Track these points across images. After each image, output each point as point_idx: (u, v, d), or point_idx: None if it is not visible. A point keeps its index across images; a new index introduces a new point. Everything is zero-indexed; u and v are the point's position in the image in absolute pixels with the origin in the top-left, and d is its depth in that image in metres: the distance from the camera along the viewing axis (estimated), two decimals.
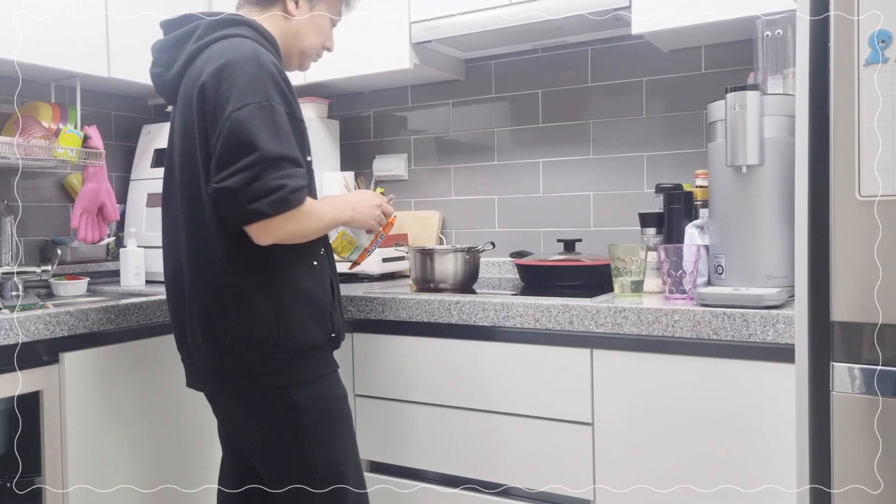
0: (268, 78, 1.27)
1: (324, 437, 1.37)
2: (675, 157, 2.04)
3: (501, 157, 2.30)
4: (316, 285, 1.38)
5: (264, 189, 1.23)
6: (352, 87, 2.44)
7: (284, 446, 1.37)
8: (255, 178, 1.23)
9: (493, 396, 1.64)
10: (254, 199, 1.23)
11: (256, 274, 1.33)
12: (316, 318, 1.36)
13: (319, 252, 1.40)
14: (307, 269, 1.37)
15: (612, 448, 1.52)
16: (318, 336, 1.36)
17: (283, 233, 1.28)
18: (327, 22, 1.49)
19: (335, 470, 1.38)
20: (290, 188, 1.25)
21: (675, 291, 1.52)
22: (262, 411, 1.37)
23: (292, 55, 1.48)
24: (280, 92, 1.29)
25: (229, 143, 1.24)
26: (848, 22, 1.10)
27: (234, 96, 1.24)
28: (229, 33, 1.33)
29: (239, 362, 1.34)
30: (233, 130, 1.24)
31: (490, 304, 1.62)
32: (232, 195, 1.24)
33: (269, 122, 1.25)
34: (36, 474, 1.55)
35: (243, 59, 1.27)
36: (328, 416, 1.38)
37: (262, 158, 1.23)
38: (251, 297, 1.32)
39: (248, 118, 1.23)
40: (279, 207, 1.24)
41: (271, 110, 1.25)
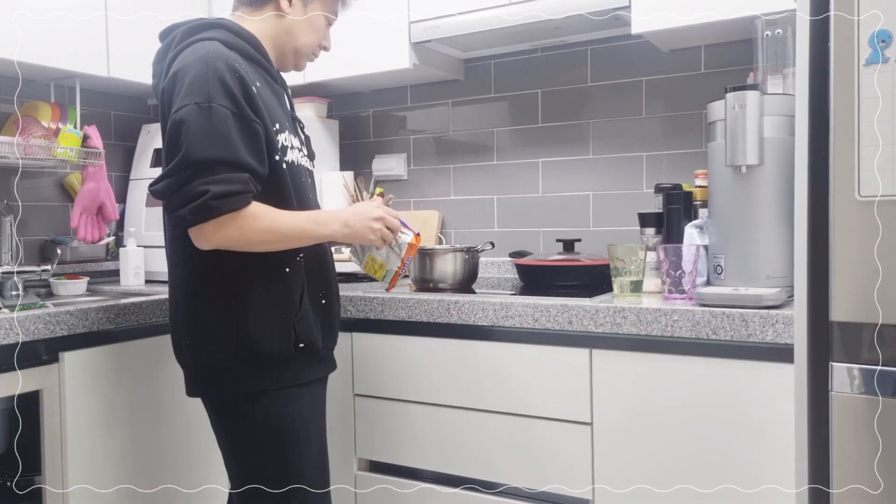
0: (213, 78, 1.24)
1: (270, 451, 1.34)
2: (675, 157, 2.04)
3: (501, 157, 2.30)
4: (282, 293, 1.33)
5: (187, 195, 1.22)
6: (351, 87, 2.44)
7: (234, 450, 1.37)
8: (181, 183, 1.22)
9: (492, 396, 1.64)
10: (178, 205, 1.23)
11: (213, 278, 1.32)
12: (278, 326, 1.32)
13: (296, 259, 1.35)
14: (274, 275, 1.33)
15: (611, 448, 1.52)
16: (279, 345, 1.32)
17: (220, 239, 1.25)
18: (322, 21, 1.46)
19: (280, 482, 1.35)
20: (213, 194, 1.20)
21: (675, 291, 1.52)
22: (219, 417, 1.37)
23: (287, 54, 1.46)
24: (227, 92, 1.24)
25: (166, 145, 1.26)
26: (848, 22, 1.10)
27: (179, 98, 1.24)
28: (199, 38, 1.33)
29: (197, 366, 1.36)
30: (170, 133, 1.24)
31: (489, 304, 1.62)
32: (163, 199, 1.26)
33: (206, 123, 1.22)
34: (36, 473, 1.55)
35: (194, 63, 1.26)
36: (279, 437, 1.33)
37: (187, 163, 1.21)
38: (206, 301, 1.32)
39: (184, 119, 1.22)
40: (199, 216, 1.22)
41: (209, 112, 1.22)
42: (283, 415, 1.34)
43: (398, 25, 2.05)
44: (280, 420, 1.34)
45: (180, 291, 1.36)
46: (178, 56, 1.32)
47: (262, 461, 1.34)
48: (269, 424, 1.33)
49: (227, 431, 1.37)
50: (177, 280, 1.37)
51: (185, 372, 1.41)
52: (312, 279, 1.39)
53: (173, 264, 1.38)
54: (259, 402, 1.33)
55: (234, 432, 1.36)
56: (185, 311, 1.35)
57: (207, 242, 1.26)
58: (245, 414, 1.33)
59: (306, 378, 1.38)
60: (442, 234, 2.39)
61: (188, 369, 1.39)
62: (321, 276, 1.42)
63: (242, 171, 1.24)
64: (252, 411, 1.32)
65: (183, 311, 1.36)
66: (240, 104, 1.26)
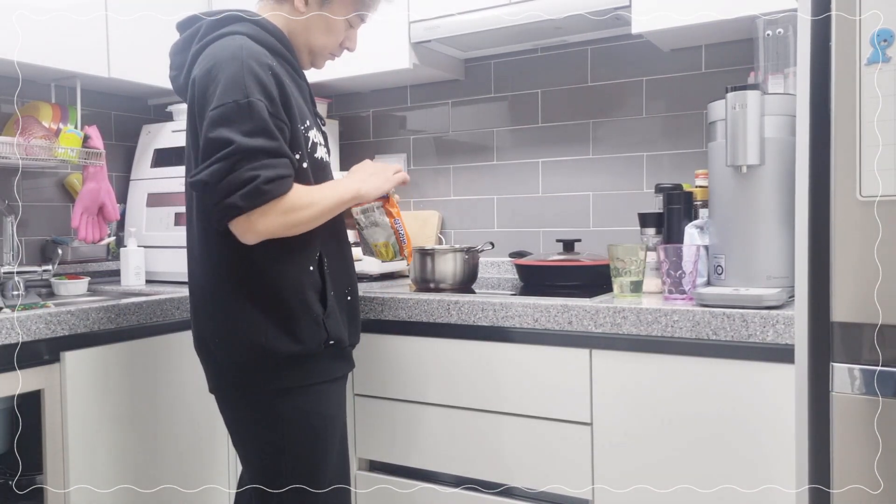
0: (249, 76, 1.25)
1: (300, 448, 1.36)
2: (675, 157, 2.04)
3: (501, 157, 2.30)
4: (313, 290, 1.35)
5: (237, 182, 1.21)
6: (351, 87, 2.44)
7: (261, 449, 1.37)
8: (228, 170, 1.21)
9: (491, 396, 1.64)
10: (227, 193, 1.21)
11: (243, 276, 1.32)
12: (310, 323, 1.34)
13: (315, 257, 1.37)
14: (305, 273, 1.34)
15: (611, 448, 1.52)
16: (312, 342, 1.34)
17: (266, 227, 1.25)
18: (341, 21, 1.45)
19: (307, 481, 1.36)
20: (265, 178, 1.21)
21: (675, 292, 1.52)
22: (247, 414, 1.37)
23: (302, 52, 1.46)
24: (263, 89, 1.25)
25: (206, 140, 1.24)
26: (849, 21, 1.10)
27: (217, 95, 1.24)
28: (226, 31, 1.33)
29: (226, 365, 1.35)
30: (209, 128, 1.24)
31: (489, 305, 1.62)
32: (205, 189, 1.24)
33: (247, 117, 1.23)
34: (37, 473, 1.55)
35: (228, 59, 1.26)
36: (309, 432, 1.36)
37: (235, 150, 1.21)
38: (238, 300, 1.32)
39: (224, 116, 1.23)
40: (253, 200, 1.21)
41: (249, 107, 1.23)
42: (313, 411, 1.36)
43: (398, 25, 2.05)
44: (310, 416, 1.35)
45: (210, 288, 1.35)
46: (204, 49, 1.32)
47: (289, 458, 1.35)
48: (300, 420, 1.35)
49: (255, 428, 1.36)
50: (206, 277, 1.35)
51: (212, 369, 1.39)
52: (337, 277, 1.41)
53: (203, 262, 1.36)
54: (290, 399, 1.34)
55: (263, 428, 1.35)
56: (215, 309, 1.34)
57: (254, 234, 1.25)
58: (276, 410, 1.33)
59: (334, 375, 1.40)
60: (442, 235, 2.39)
61: (216, 366, 1.37)
62: (345, 274, 1.45)
63: (282, 157, 1.26)
64: (283, 407, 1.33)
65: (212, 308, 1.35)
66: (274, 103, 1.27)
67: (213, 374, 1.40)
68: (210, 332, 1.36)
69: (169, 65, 1.44)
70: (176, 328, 1.76)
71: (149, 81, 2.13)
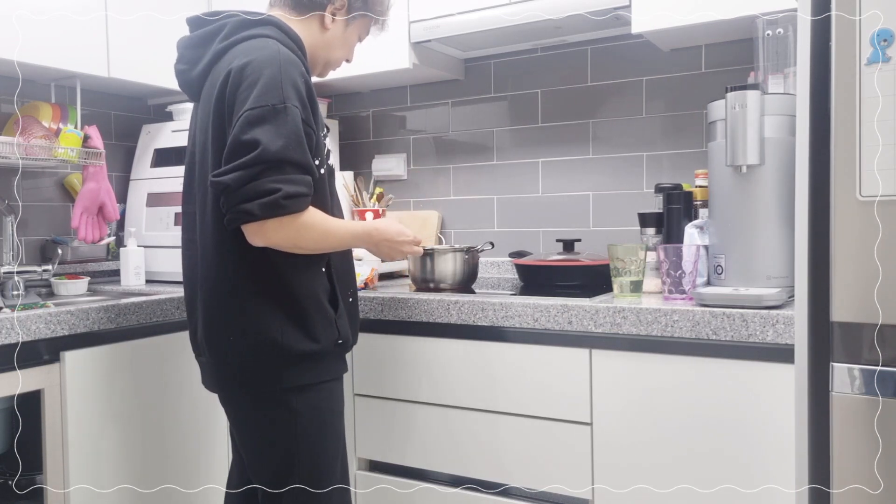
0: (287, 81, 1.26)
1: (313, 444, 1.37)
2: (675, 157, 2.04)
3: (500, 157, 2.30)
4: (324, 291, 1.38)
5: (258, 190, 1.22)
6: (351, 87, 2.44)
7: (274, 446, 1.37)
8: (251, 177, 1.22)
9: (492, 396, 1.64)
10: (246, 199, 1.23)
11: (260, 275, 1.32)
12: (323, 322, 1.36)
13: (325, 260, 1.39)
14: (317, 274, 1.37)
15: (610, 448, 1.52)
16: (325, 341, 1.36)
17: (277, 238, 1.27)
18: (355, 38, 1.53)
19: (317, 477, 1.38)
20: (285, 193, 1.23)
21: (675, 291, 1.52)
22: (259, 411, 1.37)
23: (318, 63, 1.50)
24: (298, 96, 1.28)
25: (236, 139, 1.24)
26: (849, 21, 1.10)
27: (253, 96, 1.24)
28: (256, 33, 1.34)
29: (239, 362, 1.34)
30: (242, 129, 1.24)
31: (489, 304, 1.62)
32: (226, 192, 1.24)
33: (281, 123, 1.24)
34: (37, 473, 1.55)
35: (266, 61, 1.27)
36: (321, 426, 1.38)
37: (261, 159, 1.22)
38: (255, 298, 1.32)
39: (259, 118, 1.23)
40: (270, 211, 1.23)
41: (285, 112, 1.24)
42: (325, 408, 1.38)
43: (398, 25, 2.05)
44: (322, 413, 1.38)
45: (224, 288, 1.35)
46: (232, 47, 1.33)
47: (302, 454, 1.36)
48: (313, 417, 1.36)
49: (269, 425, 1.37)
50: (221, 277, 1.35)
51: (217, 367, 1.39)
52: (342, 278, 1.44)
53: (218, 261, 1.35)
54: (304, 396, 1.35)
55: (278, 425, 1.36)
56: (229, 308, 1.34)
57: (263, 239, 1.27)
58: (289, 407, 1.34)
59: (340, 373, 1.43)
60: (442, 234, 2.39)
61: (223, 364, 1.37)
62: (349, 276, 1.48)
63: (307, 173, 1.28)
64: (296, 404, 1.34)
65: (225, 307, 1.34)
66: (307, 110, 1.30)
67: (218, 372, 1.39)
68: (221, 329, 1.35)
69: (177, 57, 1.43)
70: (176, 328, 1.76)
71: (149, 81, 2.13)
